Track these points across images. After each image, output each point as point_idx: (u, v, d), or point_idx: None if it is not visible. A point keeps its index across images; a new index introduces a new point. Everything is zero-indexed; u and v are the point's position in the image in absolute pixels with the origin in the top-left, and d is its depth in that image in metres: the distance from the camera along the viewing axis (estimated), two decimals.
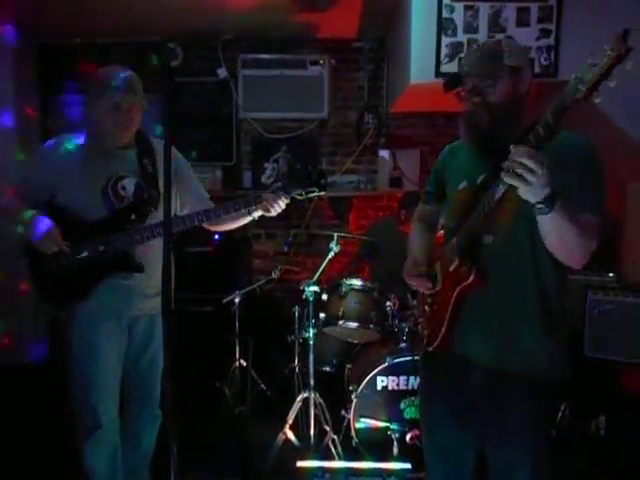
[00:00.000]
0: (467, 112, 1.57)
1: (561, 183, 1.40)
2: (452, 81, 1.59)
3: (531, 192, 1.32)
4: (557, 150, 1.43)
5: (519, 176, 1.29)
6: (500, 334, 1.57)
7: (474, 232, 1.56)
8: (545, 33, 2.94)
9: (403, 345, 2.85)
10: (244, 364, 3.32)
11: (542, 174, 1.28)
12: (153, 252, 2.07)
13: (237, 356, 3.31)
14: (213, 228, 2.24)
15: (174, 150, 2.16)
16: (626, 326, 2.80)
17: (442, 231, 1.82)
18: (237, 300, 3.28)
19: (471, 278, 1.56)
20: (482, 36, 2.97)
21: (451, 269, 1.64)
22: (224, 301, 3.28)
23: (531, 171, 1.28)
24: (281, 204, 2.07)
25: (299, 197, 2.08)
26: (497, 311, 1.58)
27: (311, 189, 2.08)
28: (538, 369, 1.54)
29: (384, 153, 4.29)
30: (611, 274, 3.13)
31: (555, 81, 2.98)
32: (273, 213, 2.09)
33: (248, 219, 2.16)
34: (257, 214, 2.12)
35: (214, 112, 4.20)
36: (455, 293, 1.61)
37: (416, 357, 2.68)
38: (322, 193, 2.09)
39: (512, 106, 1.54)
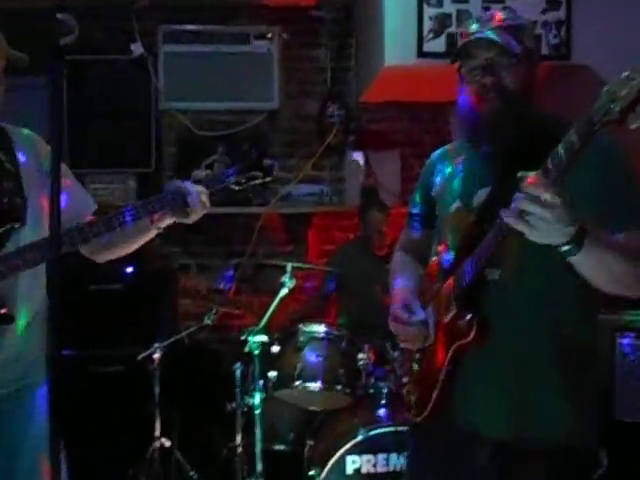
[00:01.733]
0: (471, 97, 1.59)
1: (587, 192, 1.42)
2: (465, 51, 1.60)
3: (547, 239, 1.34)
4: None
5: (528, 222, 1.31)
6: (513, 399, 1.59)
7: (477, 273, 1.56)
8: (554, 5, 3.05)
9: (381, 412, 2.83)
10: (167, 444, 3.25)
11: (559, 218, 1.29)
12: (26, 292, 1.94)
13: (157, 433, 3.23)
14: (97, 256, 2.08)
15: (45, 145, 2.03)
16: None
17: (435, 258, 1.83)
18: (157, 356, 3.22)
19: (472, 335, 1.56)
20: (474, 7, 3.06)
21: (447, 319, 1.65)
22: (140, 357, 3.22)
23: (543, 219, 1.29)
24: (203, 201, 1.88)
25: (236, 187, 1.98)
26: (508, 369, 1.60)
27: (252, 173, 1.98)
28: (561, 442, 1.57)
29: (354, 155, 4.32)
30: None
31: (567, 64, 3.08)
32: (192, 216, 1.89)
33: (150, 234, 1.98)
34: (165, 222, 1.93)
35: (126, 101, 4.17)
36: (451, 351, 1.61)
37: (399, 428, 2.67)
38: (268, 179, 2.00)
39: (527, 98, 1.59)
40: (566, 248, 1.35)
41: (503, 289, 1.58)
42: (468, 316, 1.58)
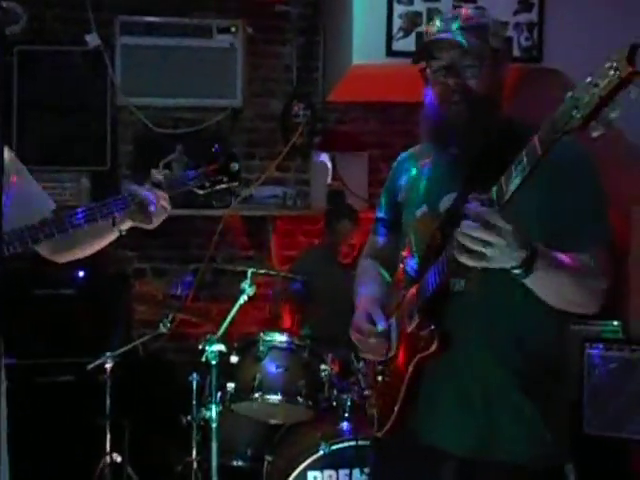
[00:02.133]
0: (435, 98, 1.60)
1: (540, 209, 1.45)
2: (427, 51, 1.62)
3: (497, 264, 1.36)
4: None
5: (475, 253, 1.33)
6: (478, 415, 1.60)
7: (439, 283, 1.57)
8: (526, 6, 3.10)
9: (344, 426, 2.83)
10: (118, 459, 3.21)
11: (509, 243, 1.32)
12: None
13: (108, 448, 3.18)
14: (57, 257, 2.06)
15: None
16: (634, 391, 2.91)
17: (401, 265, 1.84)
18: (109, 366, 3.18)
19: (433, 347, 1.57)
20: (445, 5, 3.09)
21: (409, 330, 1.66)
22: (89, 367, 3.17)
23: (489, 244, 1.31)
24: (164, 205, 1.88)
25: (201, 191, 1.98)
26: (472, 384, 1.61)
27: (217, 177, 1.98)
28: (529, 455, 1.58)
29: (320, 157, 4.33)
30: (615, 322, 3.27)
31: (539, 67, 3.14)
32: (154, 221, 1.89)
33: (111, 236, 1.98)
34: (126, 225, 1.93)
35: (80, 95, 4.13)
36: (413, 363, 1.62)
37: (362, 442, 2.68)
38: (235, 184, 2.01)
39: (493, 99, 1.60)
40: (516, 272, 1.38)
41: (468, 300, 1.59)
42: (430, 328, 1.59)
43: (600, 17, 3.13)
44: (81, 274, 3.70)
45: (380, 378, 1.79)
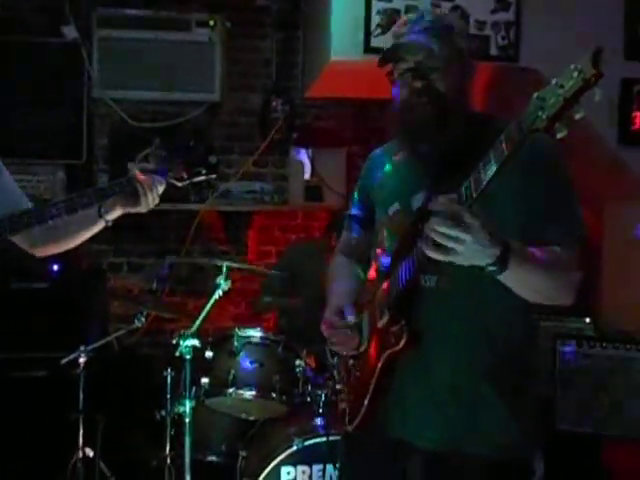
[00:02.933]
0: (403, 100, 1.62)
1: (513, 205, 1.46)
2: (393, 54, 1.62)
3: (469, 261, 1.37)
4: None
5: (442, 248, 1.33)
6: (447, 408, 1.62)
7: (410, 280, 1.58)
8: (503, 5, 3.13)
9: (318, 421, 2.84)
10: (90, 454, 3.18)
11: (479, 240, 1.32)
12: None
13: (81, 443, 3.15)
14: (40, 250, 2.04)
15: None
16: (605, 386, 2.95)
17: (374, 262, 1.85)
18: (82, 360, 3.15)
19: (402, 343, 1.59)
20: (424, 2, 3.10)
21: (380, 325, 1.67)
22: (63, 362, 3.13)
23: (457, 240, 1.32)
24: (156, 191, 1.88)
25: (179, 183, 1.97)
26: (442, 380, 1.62)
27: (196, 170, 1.97)
28: (497, 449, 1.61)
29: (298, 153, 4.32)
30: (587, 319, 3.31)
31: (515, 66, 3.16)
32: (144, 206, 1.89)
33: (97, 227, 1.97)
34: (113, 215, 1.92)
35: (56, 88, 4.09)
36: (382, 359, 1.63)
37: (334, 438, 2.68)
38: (212, 176, 2.00)
39: (460, 99, 1.62)
40: (491, 269, 1.39)
41: (439, 297, 1.60)
42: (399, 324, 1.60)
43: (576, 17, 3.16)
44: (55, 268, 3.66)
45: (351, 373, 1.80)
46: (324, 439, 2.72)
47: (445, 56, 1.58)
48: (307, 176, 4.38)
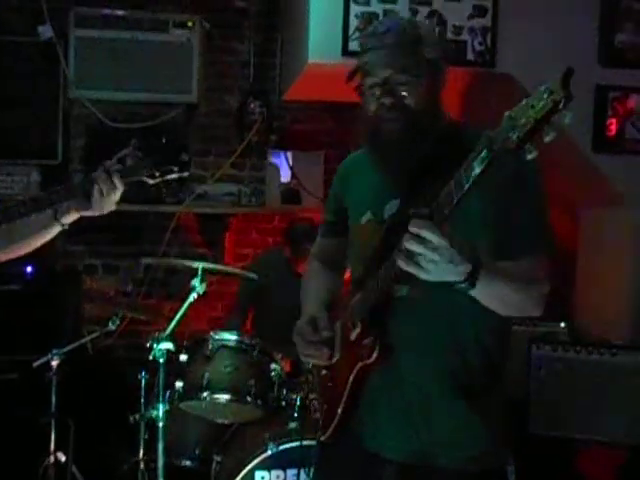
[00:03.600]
0: (371, 115, 1.60)
1: (483, 220, 1.47)
2: (360, 69, 1.60)
3: (439, 279, 1.37)
4: None
5: (413, 264, 1.34)
6: (418, 419, 1.62)
7: (382, 291, 1.58)
8: (480, 11, 3.14)
9: (293, 425, 2.82)
10: (62, 458, 3.16)
11: (448, 259, 1.32)
12: None
13: (52, 447, 3.13)
14: None
15: None
16: (578, 391, 2.97)
17: (348, 271, 1.85)
18: (55, 363, 3.12)
19: (374, 357, 1.59)
20: (402, 7, 3.11)
21: (352, 337, 1.66)
22: (35, 365, 3.10)
23: (431, 261, 1.32)
24: (113, 193, 1.82)
25: (151, 181, 1.93)
26: (415, 389, 1.63)
27: (167, 167, 1.94)
28: (470, 459, 1.61)
29: (276, 156, 4.31)
30: (562, 324, 3.33)
31: (492, 72, 3.17)
32: (96, 210, 1.82)
33: (53, 231, 1.91)
34: (69, 218, 1.87)
35: (32, 87, 4.05)
36: (354, 371, 1.63)
37: (309, 442, 2.67)
38: (185, 174, 1.97)
39: (431, 111, 1.60)
40: (461, 286, 1.39)
41: (411, 307, 1.60)
42: (371, 337, 1.60)
43: (552, 24, 3.19)
44: (29, 270, 3.64)
45: (324, 383, 1.79)
46: (298, 444, 2.72)
47: (414, 70, 1.56)
48: (286, 179, 4.37)
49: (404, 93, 1.56)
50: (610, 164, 3.29)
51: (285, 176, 4.36)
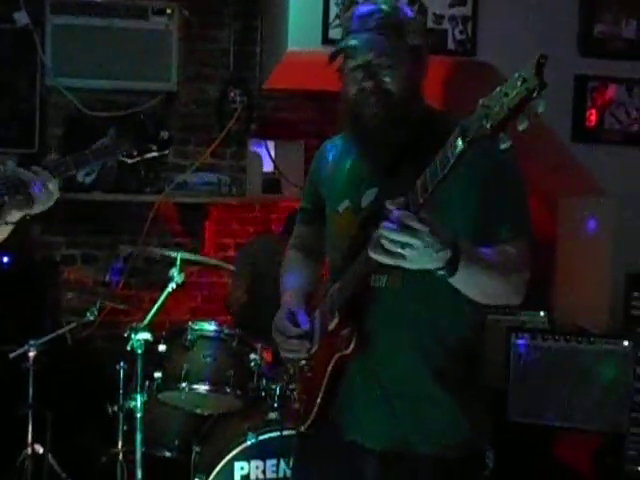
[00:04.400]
0: (352, 98, 1.58)
1: (463, 206, 1.47)
2: (342, 51, 1.58)
3: (420, 266, 1.35)
4: None
5: (393, 253, 1.31)
6: (398, 408, 1.63)
7: (360, 280, 1.57)
8: (460, 0, 3.13)
9: (272, 415, 2.81)
10: (40, 450, 3.15)
11: (428, 244, 1.30)
12: None
13: (30, 439, 3.12)
14: None
15: None
16: (557, 379, 2.99)
17: (327, 259, 1.84)
18: (32, 354, 3.10)
19: (351, 348, 1.58)
20: None
21: (330, 328, 1.66)
22: (12, 355, 3.09)
23: (407, 246, 1.30)
24: (50, 189, 1.72)
25: (129, 160, 1.92)
26: (393, 378, 1.62)
27: (146, 146, 1.93)
28: (449, 446, 1.62)
29: (257, 145, 4.28)
30: (542, 313, 3.35)
31: (472, 61, 3.17)
32: (36, 207, 1.72)
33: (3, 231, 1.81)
34: (13, 217, 1.76)
35: (7, 75, 4.01)
36: (332, 362, 1.63)
37: (288, 432, 2.67)
38: (165, 152, 1.97)
39: (411, 98, 1.59)
40: (441, 272, 1.38)
41: (389, 296, 1.59)
42: (348, 328, 1.59)
43: (532, 14, 3.18)
44: (5, 260, 3.61)
45: (303, 373, 1.79)
46: (278, 434, 2.71)
47: (396, 55, 1.54)
48: (267, 168, 4.35)
49: (386, 78, 1.55)
50: (589, 154, 3.30)
51: (266, 165, 4.34)
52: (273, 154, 4.30)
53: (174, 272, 2.87)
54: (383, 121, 1.55)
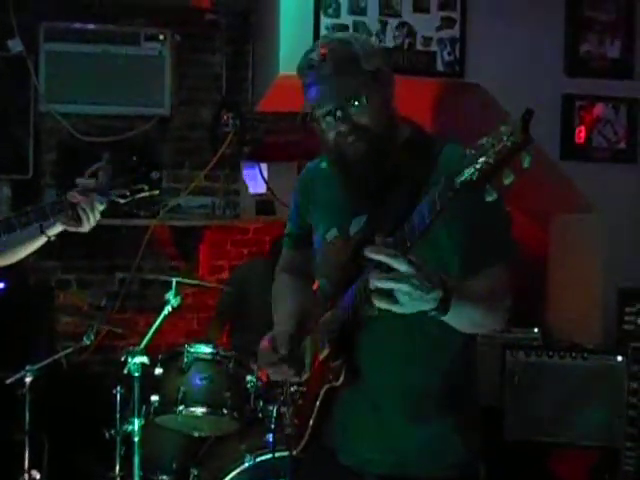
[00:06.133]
0: (332, 141, 1.57)
1: (448, 237, 1.48)
2: (310, 112, 1.58)
3: (411, 308, 1.34)
4: (439, 173, 1.49)
5: (385, 298, 1.32)
6: (393, 431, 1.63)
7: (354, 312, 1.54)
8: (448, 22, 3.19)
9: (270, 437, 2.81)
10: (37, 476, 3.11)
11: (414, 287, 1.30)
12: None
13: (27, 464, 3.08)
14: None
15: None
16: (552, 395, 3.00)
17: (316, 286, 1.84)
18: (29, 380, 3.09)
19: (341, 380, 1.58)
20: (371, 19, 3.14)
21: (321, 357, 1.66)
22: (8, 381, 3.07)
23: (404, 293, 1.30)
24: (96, 211, 1.96)
25: (122, 200, 2.03)
26: (388, 404, 1.63)
27: (138, 186, 2.02)
28: (445, 468, 1.63)
29: (249, 167, 4.31)
30: (536, 329, 3.37)
31: (460, 82, 3.21)
32: (85, 226, 1.97)
33: (39, 242, 2.04)
34: (55, 231, 2.01)
35: (2, 102, 4.02)
36: (322, 392, 1.63)
37: (281, 454, 2.67)
38: (155, 192, 2.06)
39: (388, 123, 1.60)
40: (433, 313, 1.37)
41: (379, 322, 1.56)
42: (338, 361, 1.59)
43: (520, 34, 3.24)
44: (0, 285, 3.59)
45: (294, 399, 1.79)
46: (276, 455, 2.71)
47: (358, 92, 1.53)
48: (260, 190, 4.37)
49: (358, 117, 1.54)
50: (578, 171, 3.34)
51: (259, 187, 4.36)
52: (266, 176, 4.33)
53: (170, 295, 2.87)
54: (367, 155, 1.56)
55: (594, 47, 3.28)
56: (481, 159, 1.16)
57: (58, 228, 1.99)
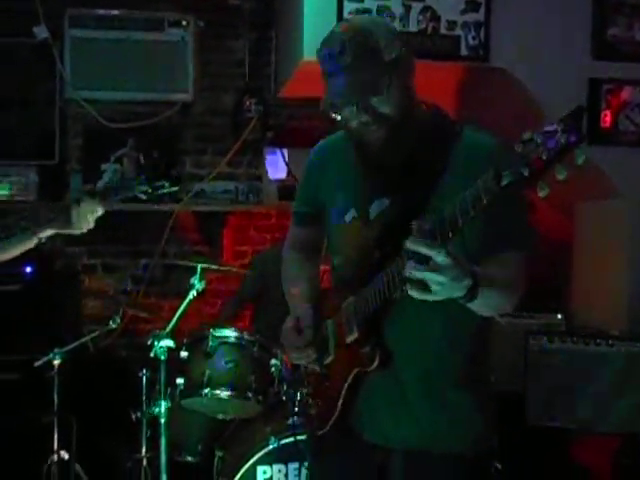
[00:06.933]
0: (355, 129, 1.58)
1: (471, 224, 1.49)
2: (332, 106, 1.57)
3: (445, 296, 1.38)
4: (461, 157, 1.53)
5: (421, 290, 1.34)
6: (418, 408, 1.66)
7: (382, 302, 1.57)
8: (473, 6, 3.15)
9: (294, 420, 2.83)
10: (66, 456, 3.18)
11: (454, 277, 1.34)
12: None
13: (55, 445, 3.15)
14: None
15: None
16: (574, 381, 3.00)
17: (330, 267, 1.84)
18: (57, 362, 3.14)
19: (374, 365, 1.61)
20: (395, 3, 3.12)
21: (348, 341, 1.67)
22: (37, 364, 3.13)
23: (439, 283, 1.33)
24: (94, 216, 2.06)
25: (144, 196, 2.10)
26: (413, 382, 1.66)
27: (159, 183, 2.09)
28: (466, 445, 1.67)
29: (272, 153, 4.32)
30: (559, 315, 3.36)
31: (485, 66, 3.19)
32: (75, 230, 2.07)
33: (30, 244, 2.11)
34: (46, 234, 2.09)
35: (28, 88, 4.05)
36: (352, 375, 1.65)
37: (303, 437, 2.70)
38: (175, 188, 2.14)
39: (408, 108, 1.60)
40: (461, 300, 1.42)
41: (405, 305, 1.58)
42: (370, 346, 1.62)
43: (544, 18, 3.20)
44: (28, 270, 3.64)
45: (319, 381, 1.80)
46: (300, 437, 2.73)
47: (379, 84, 1.53)
48: (282, 176, 4.37)
49: (379, 106, 1.54)
50: (604, 156, 3.30)
51: (281, 173, 4.37)
52: (288, 161, 4.33)
53: (195, 280, 2.90)
54: (388, 141, 1.57)
55: (622, 31, 3.23)
56: (532, 155, 1.16)
57: (49, 232, 2.09)
